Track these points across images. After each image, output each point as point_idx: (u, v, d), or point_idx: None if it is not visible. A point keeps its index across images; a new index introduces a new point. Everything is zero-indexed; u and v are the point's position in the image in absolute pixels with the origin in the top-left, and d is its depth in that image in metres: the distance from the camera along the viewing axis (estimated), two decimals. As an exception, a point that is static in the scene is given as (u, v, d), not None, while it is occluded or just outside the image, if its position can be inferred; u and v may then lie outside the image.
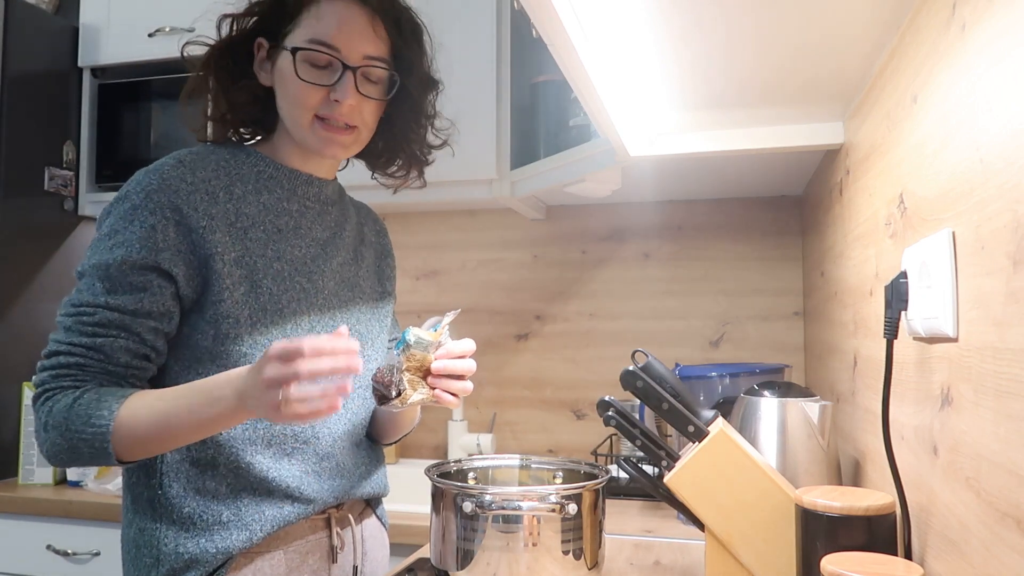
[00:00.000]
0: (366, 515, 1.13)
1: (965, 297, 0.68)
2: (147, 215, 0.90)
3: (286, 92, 0.98)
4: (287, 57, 0.96)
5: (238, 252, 0.95)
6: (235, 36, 1.01)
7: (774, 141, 1.37)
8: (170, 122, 2.09)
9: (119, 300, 0.89)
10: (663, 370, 1.01)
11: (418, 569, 1.14)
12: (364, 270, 1.13)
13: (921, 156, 0.82)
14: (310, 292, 1.01)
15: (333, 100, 0.96)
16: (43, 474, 1.86)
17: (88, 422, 0.85)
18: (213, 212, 0.93)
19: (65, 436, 0.86)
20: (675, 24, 0.91)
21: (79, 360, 0.89)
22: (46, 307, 2.05)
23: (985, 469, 0.63)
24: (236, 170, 0.99)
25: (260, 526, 0.95)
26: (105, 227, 0.92)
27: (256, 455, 0.95)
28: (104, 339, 0.89)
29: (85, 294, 0.91)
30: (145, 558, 0.94)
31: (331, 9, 0.96)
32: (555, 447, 2.09)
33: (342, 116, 0.97)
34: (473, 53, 1.81)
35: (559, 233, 2.13)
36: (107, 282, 0.90)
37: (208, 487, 0.94)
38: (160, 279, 0.91)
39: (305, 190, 1.04)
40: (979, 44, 0.65)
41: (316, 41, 0.95)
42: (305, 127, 0.98)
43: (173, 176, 0.92)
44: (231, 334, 0.93)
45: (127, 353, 0.90)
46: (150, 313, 0.90)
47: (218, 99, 1.02)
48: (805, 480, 1.13)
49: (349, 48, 0.96)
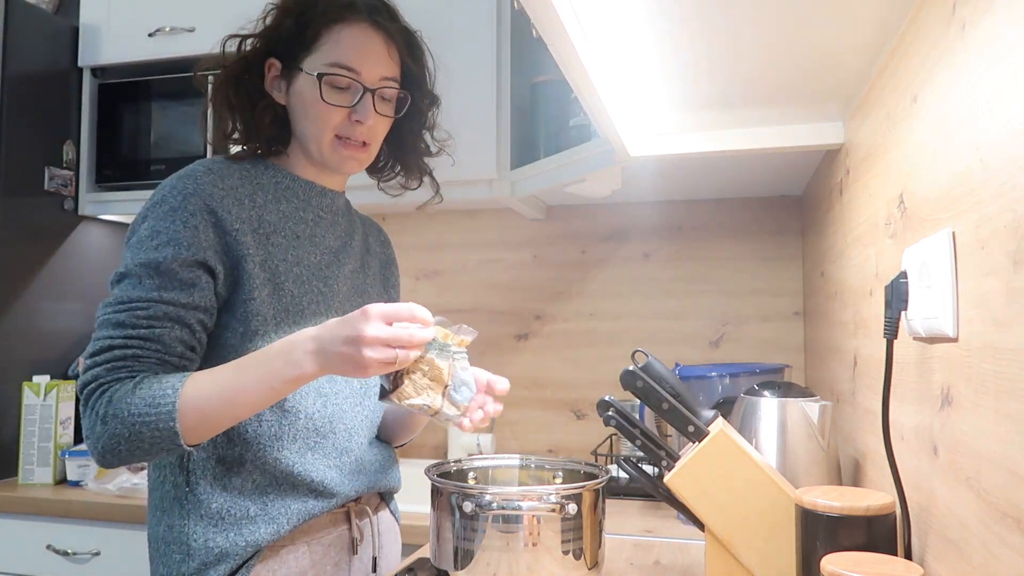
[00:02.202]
0: (381, 509, 1.17)
1: (965, 297, 0.68)
2: (188, 216, 0.93)
3: (307, 113, 1.02)
4: (308, 80, 1.01)
5: (263, 256, 0.99)
6: (248, 58, 1.04)
7: (774, 141, 1.37)
8: (170, 122, 2.09)
9: (172, 295, 0.91)
10: (663, 370, 1.01)
11: (418, 569, 1.14)
12: (371, 278, 1.18)
13: (921, 156, 0.82)
14: (326, 295, 1.06)
15: (354, 120, 1.01)
16: (43, 474, 1.86)
17: (152, 403, 0.85)
18: (243, 217, 0.97)
19: (126, 423, 0.85)
20: (675, 24, 0.91)
21: (136, 352, 0.90)
22: (46, 307, 2.05)
23: (985, 469, 0.63)
24: (257, 180, 1.03)
25: (286, 519, 0.98)
26: (144, 229, 0.94)
27: (283, 450, 0.98)
28: (161, 330, 0.91)
29: (135, 291, 0.91)
30: (175, 554, 0.96)
31: (350, 33, 1.01)
32: (555, 447, 2.09)
33: (361, 135, 1.03)
34: (473, 53, 1.81)
35: (559, 233, 2.13)
36: (157, 278, 0.91)
37: (235, 483, 0.97)
38: (206, 275, 0.94)
39: (319, 201, 1.09)
40: (979, 44, 0.65)
41: (337, 65, 1.00)
42: (326, 146, 1.03)
43: (206, 181, 0.96)
44: (259, 331, 0.96)
45: (182, 344, 0.92)
46: (198, 307, 0.93)
47: (237, 119, 1.05)
48: (805, 480, 1.13)
49: (368, 71, 1.01)
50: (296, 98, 1.03)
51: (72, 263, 2.13)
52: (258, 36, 1.04)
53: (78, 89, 2.15)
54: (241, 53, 1.04)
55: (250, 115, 1.04)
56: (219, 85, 1.04)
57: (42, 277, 2.04)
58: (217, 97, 1.05)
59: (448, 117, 1.19)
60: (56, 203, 2.09)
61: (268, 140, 1.06)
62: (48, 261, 2.06)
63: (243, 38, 1.04)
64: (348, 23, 1.01)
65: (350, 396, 1.07)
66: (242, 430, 0.97)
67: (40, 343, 2.02)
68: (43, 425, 1.87)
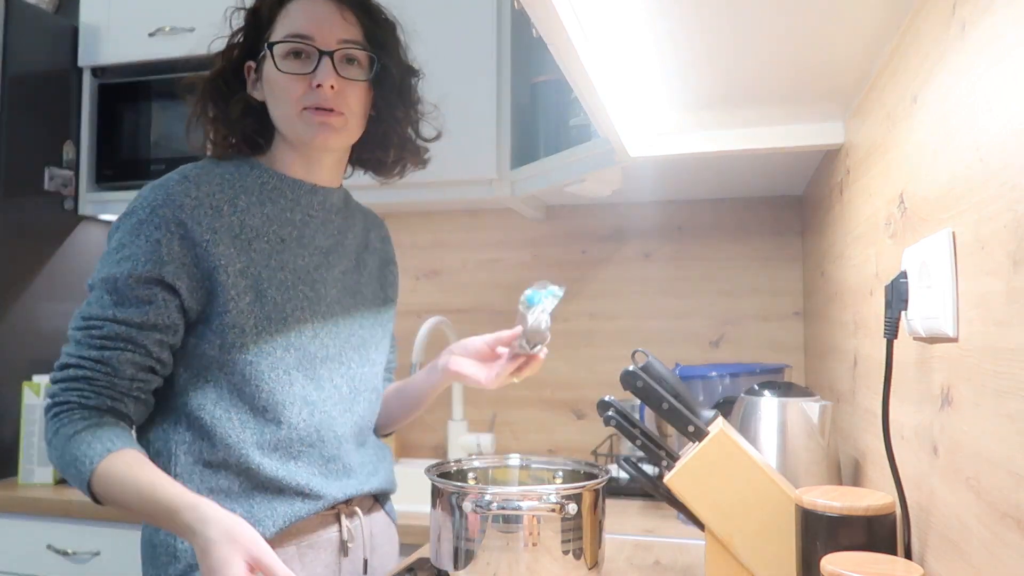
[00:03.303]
0: (375, 510, 1.15)
1: (965, 297, 0.68)
2: (152, 229, 0.93)
3: (272, 91, 1.02)
4: (268, 59, 1.00)
5: (243, 263, 0.97)
6: (224, 66, 1.04)
7: (774, 141, 1.37)
8: (170, 122, 2.09)
9: (126, 313, 0.92)
10: (663, 370, 1.01)
11: (418, 569, 1.14)
12: (366, 276, 1.15)
13: (921, 156, 0.82)
14: (313, 300, 1.04)
15: (315, 86, 0.98)
16: (43, 474, 1.86)
17: (75, 463, 0.89)
18: (217, 226, 0.96)
19: (59, 464, 0.92)
20: (675, 23, 0.91)
21: (87, 373, 0.92)
22: (46, 307, 2.05)
23: (985, 469, 0.63)
24: (240, 182, 1.01)
25: (272, 522, 0.97)
26: (114, 241, 0.95)
27: (264, 457, 0.98)
28: (111, 352, 0.92)
29: (94, 307, 0.94)
30: (162, 556, 0.96)
31: (299, 6, 1.01)
32: (555, 447, 2.09)
33: (326, 101, 0.99)
34: (473, 53, 1.81)
35: (559, 233, 2.13)
36: (114, 295, 0.93)
37: (221, 486, 0.97)
38: (164, 292, 0.94)
39: (309, 199, 1.06)
40: (979, 44, 0.65)
41: (290, 35, 0.99)
42: (295, 118, 1.00)
43: (178, 191, 0.95)
44: (237, 343, 0.96)
45: (132, 366, 0.94)
46: (155, 326, 0.94)
47: (216, 123, 1.05)
48: (805, 480, 1.13)
49: (321, 35, 0.99)
50: (265, 86, 1.03)
51: (72, 263, 2.13)
52: (228, 45, 1.05)
53: (78, 89, 2.15)
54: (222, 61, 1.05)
55: (225, 111, 1.04)
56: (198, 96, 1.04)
57: (42, 277, 2.04)
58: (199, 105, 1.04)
59: (448, 117, 1.19)
60: (56, 203, 2.09)
61: (246, 136, 1.05)
62: (48, 261, 2.06)
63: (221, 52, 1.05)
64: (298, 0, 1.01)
65: (339, 403, 1.05)
66: (224, 435, 0.96)
67: (40, 343, 2.02)
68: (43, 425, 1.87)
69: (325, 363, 1.04)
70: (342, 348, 1.07)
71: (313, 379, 1.02)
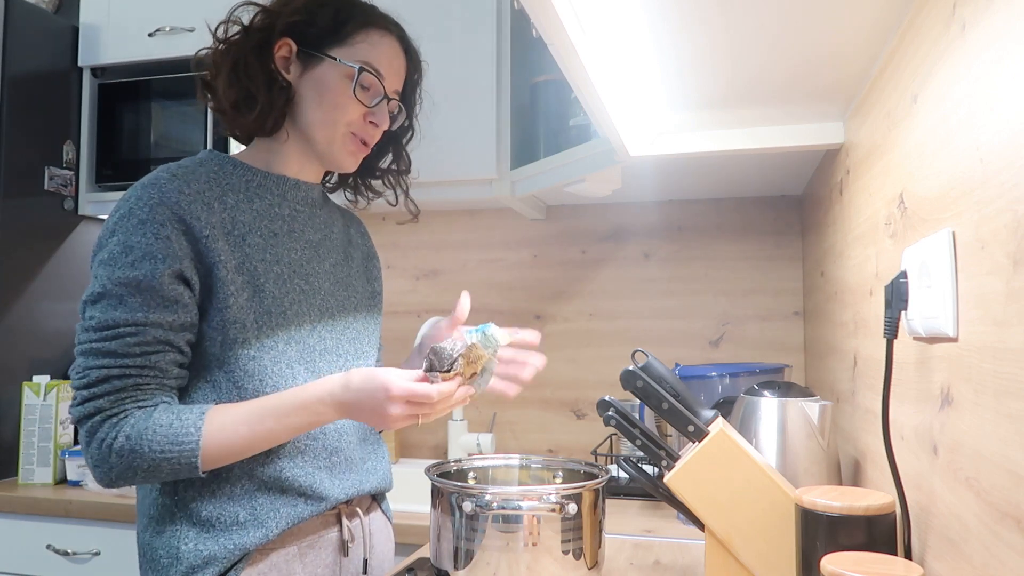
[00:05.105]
0: (372, 509, 1.16)
1: (965, 297, 0.68)
2: (158, 227, 0.91)
3: (323, 100, 1.02)
4: (338, 70, 1.01)
5: (238, 259, 0.97)
6: (265, 25, 1.01)
7: (774, 141, 1.37)
8: (170, 122, 2.09)
9: (157, 315, 0.91)
10: (663, 370, 1.01)
11: (418, 569, 1.14)
12: (354, 271, 1.17)
13: (921, 156, 0.82)
14: (308, 293, 1.04)
15: (369, 122, 1.04)
16: (43, 474, 1.86)
17: (174, 440, 0.90)
18: (212, 222, 0.96)
19: (146, 458, 0.89)
20: (675, 24, 0.91)
21: (136, 380, 0.91)
22: (46, 307, 2.05)
23: (985, 469, 0.63)
24: (226, 180, 1.01)
25: (275, 523, 0.98)
26: (115, 245, 0.91)
27: (270, 454, 0.98)
28: (156, 356, 0.92)
29: (118, 313, 0.90)
30: (163, 558, 0.96)
31: (383, 41, 1.05)
32: (555, 447, 2.09)
33: (370, 137, 1.06)
34: (473, 53, 1.81)
35: (559, 233, 2.13)
36: (139, 296, 0.90)
37: (224, 489, 0.97)
38: (187, 289, 0.93)
39: (294, 194, 1.07)
40: (979, 44, 0.65)
41: (372, 67, 1.03)
42: (338, 137, 1.04)
43: (171, 188, 0.94)
44: (239, 339, 0.96)
45: (176, 366, 0.94)
46: (184, 324, 0.94)
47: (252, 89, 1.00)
48: (805, 480, 1.13)
49: (390, 80, 1.06)
50: (314, 83, 1.01)
51: (72, 263, 2.13)
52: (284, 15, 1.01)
53: (78, 89, 2.15)
54: (255, 25, 1.01)
55: (267, 91, 1.00)
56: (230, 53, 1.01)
57: (42, 277, 2.04)
58: (226, 64, 1.00)
59: (448, 117, 1.19)
60: (56, 203, 2.09)
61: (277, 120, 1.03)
62: (48, 261, 2.06)
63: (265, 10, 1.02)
64: (381, 31, 1.05)
65: None
66: None
67: (40, 343, 2.02)
68: (43, 425, 1.87)
69: (324, 356, 1.04)
70: (338, 340, 1.07)
71: (314, 372, 1.02)
